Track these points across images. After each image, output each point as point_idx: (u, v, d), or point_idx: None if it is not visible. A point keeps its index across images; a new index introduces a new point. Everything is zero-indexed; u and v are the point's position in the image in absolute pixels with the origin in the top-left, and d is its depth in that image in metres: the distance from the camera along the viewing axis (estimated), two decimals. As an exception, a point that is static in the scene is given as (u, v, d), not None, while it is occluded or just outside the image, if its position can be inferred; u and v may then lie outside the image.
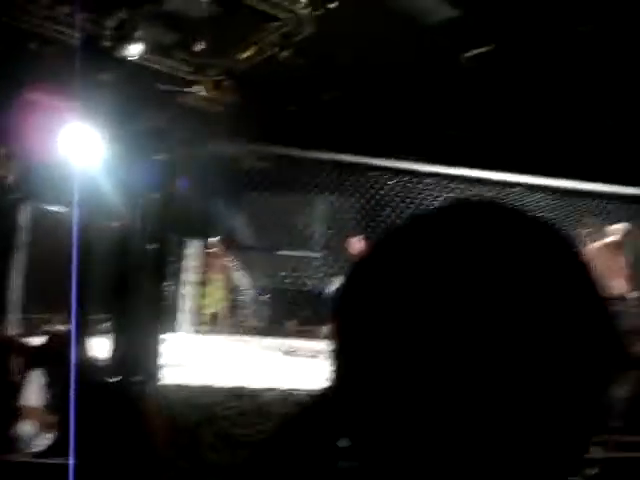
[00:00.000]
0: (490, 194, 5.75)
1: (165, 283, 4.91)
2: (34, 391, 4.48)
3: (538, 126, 8.68)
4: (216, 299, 10.29)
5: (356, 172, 6.12)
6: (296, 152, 5.34)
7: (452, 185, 5.73)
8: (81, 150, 7.52)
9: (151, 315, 4.61)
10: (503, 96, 8.83)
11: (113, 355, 4.70)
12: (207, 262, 10.47)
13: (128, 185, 4.98)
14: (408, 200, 6.00)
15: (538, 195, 5.68)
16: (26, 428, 4.40)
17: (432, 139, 9.30)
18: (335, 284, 8.62)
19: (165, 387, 4.55)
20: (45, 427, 4.32)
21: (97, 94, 7.53)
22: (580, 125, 8.61)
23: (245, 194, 11.49)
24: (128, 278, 4.61)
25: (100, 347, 5.13)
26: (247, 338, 9.66)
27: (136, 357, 4.53)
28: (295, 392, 4.78)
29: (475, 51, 8.73)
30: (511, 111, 9.01)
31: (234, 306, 10.92)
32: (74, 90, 7.80)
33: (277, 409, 4.62)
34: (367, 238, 7.85)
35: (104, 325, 5.80)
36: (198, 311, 10.20)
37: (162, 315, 4.87)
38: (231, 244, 11.17)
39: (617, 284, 5.84)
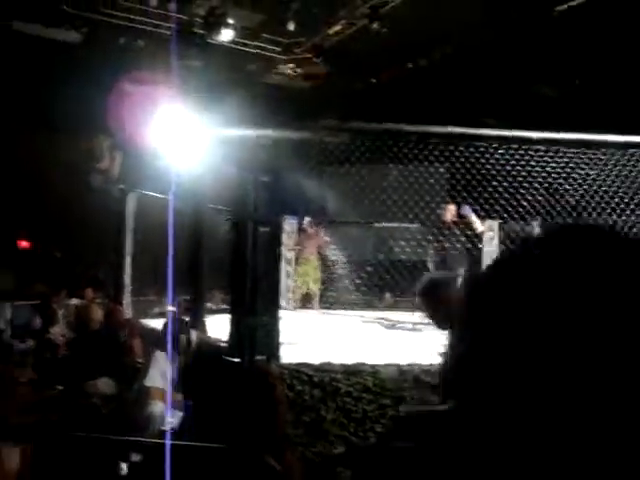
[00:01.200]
0: (595, 159, 5.50)
1: (279, 264, 4.99)
2: (159, 372, 4.65)
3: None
4: (313, 278, 10.39)
5: (447, 141, 6.00)
6: (387, 125, 5.26)
7: (544, 151, 5.51)
8: (181, 136, 7.73)
9: (269, 295, 4.72)
10: (600, 51, 8.40)
11: (233, 335, 4.84)
12: (302, 241, 10.58)
13: (235, 168, 5.07)
14: (496, 168, 5.83)
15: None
16: (156, 408, 4.58)
17: (521, 102, 8.99)
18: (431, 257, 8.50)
19: (287, 366, 4.65)
20: (174, 406, 4.51)
21: (192, 80, 7.71)
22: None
23: (336, 169, 11.51)
24: (244, 260, 4.72)
25: (220, 328, 5.30)
26: (346, 313, 9.75)
27: (256, 337, 4.65)
28: (411, 367, 4.80)
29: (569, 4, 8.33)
30: (609, 66, 8.57)
31: (330, 282, 11.01)
32: (170, 78, 8.01)
33: (396, 384, 4.66)
34: (459, 206, 7.73)
35: (222, 307, 6.01)
36: (297, 289, 10.36)
37: (279, 295, 4.97)
38: (323, 221, 11.25)
39: None
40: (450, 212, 7.75)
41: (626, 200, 5.74)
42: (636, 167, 5.39)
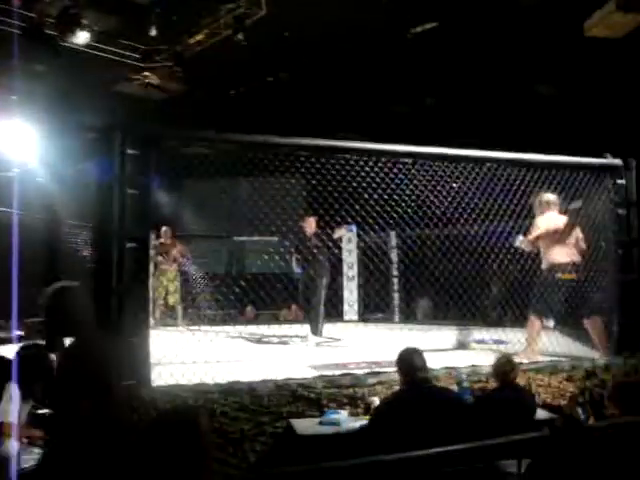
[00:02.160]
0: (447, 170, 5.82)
1: (147, 281, 4.73)
2: (14, 406, 4.22)
3: (490, 99, 8.86)
4: (171, 291, 10.07)
5: (305, 154, 6.08)
6: (245, 138, 5.22)
7: (400, 163, 5.76)
8: (26, 147, 7.16)
9: (138, 315, 4.45)
10: (449, 70, 8.95)
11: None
12: (159, 252, 10.23)
13: (99, 179, 4.75)
14: (352, 179, 5.99)
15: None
16: (10, 446, 4.15)
17: (378, 116, 9.35)
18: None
19: (157, 389, 4.42)
20: (30, 443, 4.11)
21: (40, 86, 7.17)
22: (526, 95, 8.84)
23: (192, 181, 11.26)
24: (109, 278, 4.42)
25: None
26: (210, 328, 9.53)
27: (124, 360, 4.36)
28: (288, 382, 4.75)
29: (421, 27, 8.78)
30: (457, 85, 9.15)
31: (191, 297, 10.73)
32: (14, 82, 7.39)
33: (273, 400, 4.58)
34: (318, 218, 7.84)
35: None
36: (157, 303, 9.97)
37: (148, 315, 4.71)
38: (181, 233, 10.96)
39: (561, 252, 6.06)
40: (310, 224, 7.82)
41: (485, 211, 6.15)
42: (492, 180, 5.79)
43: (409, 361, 3.99)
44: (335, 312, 10.72)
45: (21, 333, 6.88)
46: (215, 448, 4.37)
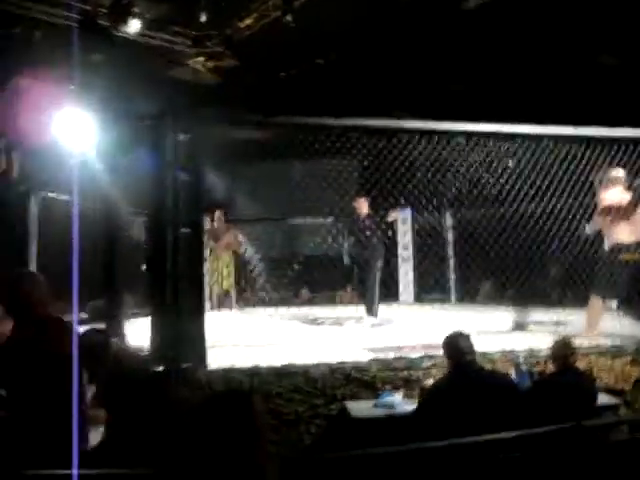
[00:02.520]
0: (509, 149, 5.67)
1: (202, 265, 4.80)
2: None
3: (545, 75, 8.56)
4: (225, 276, 10.14)
5: (357, 135, 6.00)
6: (297, 119, 5.17)
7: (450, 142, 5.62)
8: (85, 135, 7.33)
9: (192, 298, 4.52)
10: (508, 46, 8.67)
11: (156, 343, 4.61)
12: (212, 237, 10.35)
13: (153, 165, 4.83)
14: (407, 160, 5.88)
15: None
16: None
17: (434, 96, 9.16)
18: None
19: (213, 372, 4.49)
20: (93, 423, 4.25)
21: (96, 75, 7.31)
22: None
23: (246, 165, 11.35)
24: (165, 264, 4.50)
25: (140, 337, 5.05)
26: (264, 311, 9.63)
27: (181, 344, 4.45)
28: (341, 365, 4.75)
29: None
30: (517, 61, 8.87)
31: (246, 280, 10.85)
32: (71, 73, 7.56)
33: (327, 383, 4.59)
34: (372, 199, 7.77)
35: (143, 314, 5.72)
36: (212, 288, 10.12)
37: (203, 299, 4.78)
38: (235, 217, 11.06)
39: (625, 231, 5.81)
40: (361, 205, 7.77)
41: (542, 189, 5.97)
42: (549, 158, 5.60)
43: (454, 345, 3.93)
44: (390, 294, 10.70)
45: (85, 316, 7.09)
46: (270, 429, 4.44)
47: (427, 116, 5.20)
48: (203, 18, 6.99)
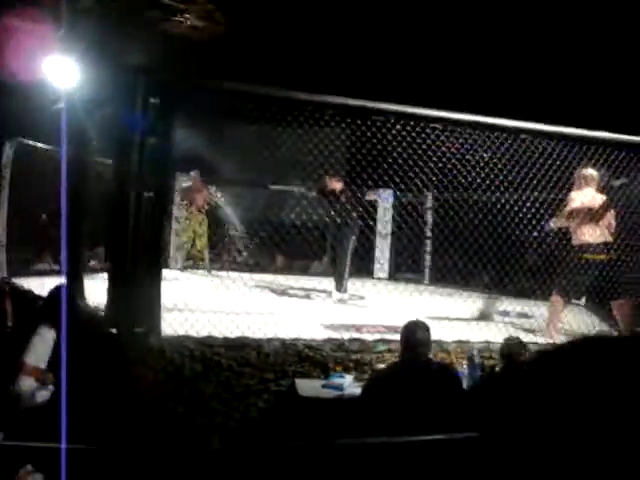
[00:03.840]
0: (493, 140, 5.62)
1: (162, 231, 4.75)
2: (43, 349, 4.32)
3: (541, 70, 8.45)
4: (198, 234, 10.08)
5: (343, 112, 5.91)
6: (282, 92, 5.06)
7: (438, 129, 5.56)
8: (67, 83, 7.18)
9: (151, 263, 4.49)
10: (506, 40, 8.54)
11: (112, 305, 4.59)
12: (187, 196, 10.28)
13: (123, 123, 4.74)
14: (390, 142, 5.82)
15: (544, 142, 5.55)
16: (27, 383, 4.28)
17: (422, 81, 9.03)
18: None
19: (166, 338, 4.48)
20: (44, 382, 4.24)
21: (80, 22, 7.13)
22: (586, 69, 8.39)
23: (230, 128, 11.20)
24: (125, 224, 4.45)
25: (96, 296, 5.02)
26: (236, 275, 9.61)
27: (136, 308, 4.43)
28: (296, 342, 4.76)
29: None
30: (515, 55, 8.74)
31: (220, 242, 10.80)
32: (57, 16, 7.38)
33: (279, 359, 4.61)
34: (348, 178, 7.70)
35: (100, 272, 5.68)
36: (183, 248, 10.08)
37: (160, 264, 4.74)
38: (214, 177, 10.96)
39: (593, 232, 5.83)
40: (333, 184, 7.72)
41: (516, 182, 5.97)
42: (526, 153, 5.56)
43: (410, 334, 3.93)
44: (366, 270, 10.72)
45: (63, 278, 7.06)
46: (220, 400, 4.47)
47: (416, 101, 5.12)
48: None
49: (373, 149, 6.25)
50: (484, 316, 6.82)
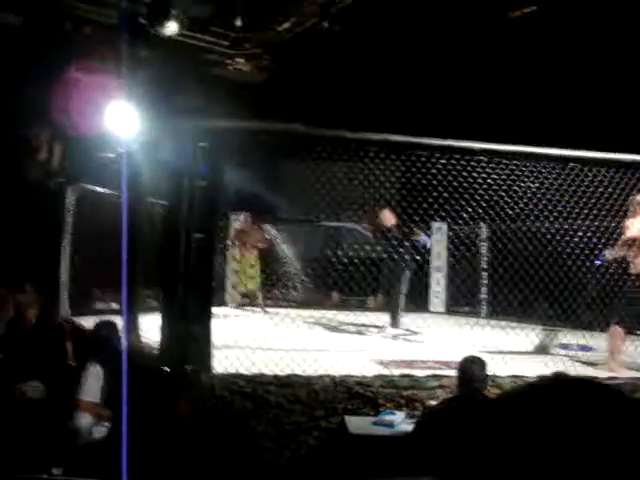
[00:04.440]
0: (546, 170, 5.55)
1: (213, 271, 4.86)
2: (94, 385, 4.46)
3: (588, 96, 8.33)
4: (249, 276, 10.15)
5: (395, 149, 5.94)
6: (313, 131, 5.14)
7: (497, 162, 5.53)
8: (125, 130, 7.49)
9: (202, 303, 4.59)
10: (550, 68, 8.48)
11: (164, 343, 4.71)
12: (237, 238, 10.40)
13: (174, 168, 4.92)
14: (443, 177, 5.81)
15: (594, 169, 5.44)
16: (84, 420, 4.42)
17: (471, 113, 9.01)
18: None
19: (216, 376, 4.54)
20: (101, 419, 4.36)
21: (138, 72, 7.46)
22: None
23: (282, 167, 11.42)
24: (176, 265, 4.58)
25: (152, 335, 5.15)
26: (290, 312, 9.68)
27: (188, 346, 4.52)
28: (346, 379, 4.74)
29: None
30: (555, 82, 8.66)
31: (275, 280, 10.90)
32: (115, 69, 7.75)
33: (329, 396, 4.59)
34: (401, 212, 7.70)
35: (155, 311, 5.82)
36: (236, 288, 10.20)
37: (211, 303, 4.84)
38: (266, 217, 11.12)
39: None
40: (386, 217, 7.75)
41: (565, 212, 5.88)
42: (575, 181, 5.46)
43: (466, 370, 3.89)
44: (422, 302, 10.60)
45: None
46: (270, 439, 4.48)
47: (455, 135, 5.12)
48: (239, 22, 7.07)
49: (423, 181, 6.27)
50: (544, 348, 6.62)
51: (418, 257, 8.00)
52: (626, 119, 8.26)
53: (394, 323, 7.63)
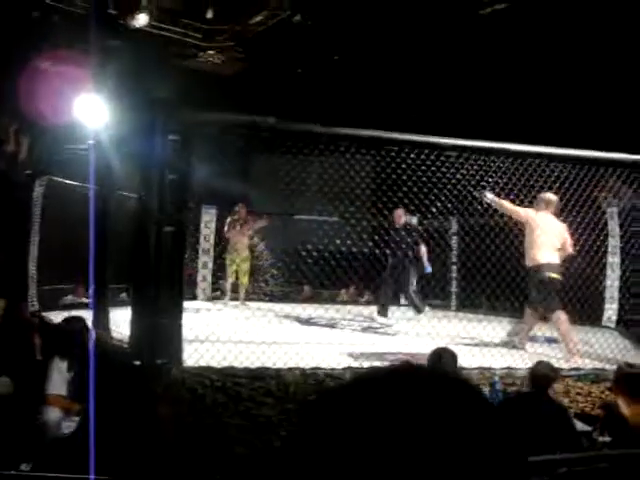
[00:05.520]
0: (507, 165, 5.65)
1: (182, 264, 4.85)
2: (61, 379, 4.43)
3: (555, 92, 8.46)
4: (245, 270, 10.08)
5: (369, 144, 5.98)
6: (305, 127, 5.16)
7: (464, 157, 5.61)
8: (95, 121, 7.41)
9: (172, 296, 4.58)
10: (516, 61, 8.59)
11: (134, 337, 4.69)
12: (231, 229, 10.32)
13: (144, 160, 4.88)
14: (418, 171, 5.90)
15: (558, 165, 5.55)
16: (52, 414, 4.38)
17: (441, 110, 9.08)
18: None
19: (187, 369, 4.54)
20: (70, 413, 4.33)
21: (107, 63, 7.38)
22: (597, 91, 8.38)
23: (258, 160, 11.36)
24: (146, 258, 4.56)
25: (120, 327, 5.12)
26: (264, 305, 9.69)
27: (158, 339, 4.51)
28: (316, 371, 4.78)
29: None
30: (526, 78, 8.78)
31: (255, 273, 10.88)
32: (84, 59, 7.65)
33: (299, 388, 4.63)
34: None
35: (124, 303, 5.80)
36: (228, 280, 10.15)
37: (182, 297, 4.83)
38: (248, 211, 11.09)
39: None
40: (398, 217, 7.96)
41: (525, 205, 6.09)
42: (533, 176, 5.59)
43: (436, 362, 3.97)
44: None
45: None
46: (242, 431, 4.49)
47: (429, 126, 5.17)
48: (210, 14, 7.03)
49: (393, 176, 6.31)
50: (508, 342, 6.74)
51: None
52: (597, 115, 8.43)
53: (383, 312, 7.95)
